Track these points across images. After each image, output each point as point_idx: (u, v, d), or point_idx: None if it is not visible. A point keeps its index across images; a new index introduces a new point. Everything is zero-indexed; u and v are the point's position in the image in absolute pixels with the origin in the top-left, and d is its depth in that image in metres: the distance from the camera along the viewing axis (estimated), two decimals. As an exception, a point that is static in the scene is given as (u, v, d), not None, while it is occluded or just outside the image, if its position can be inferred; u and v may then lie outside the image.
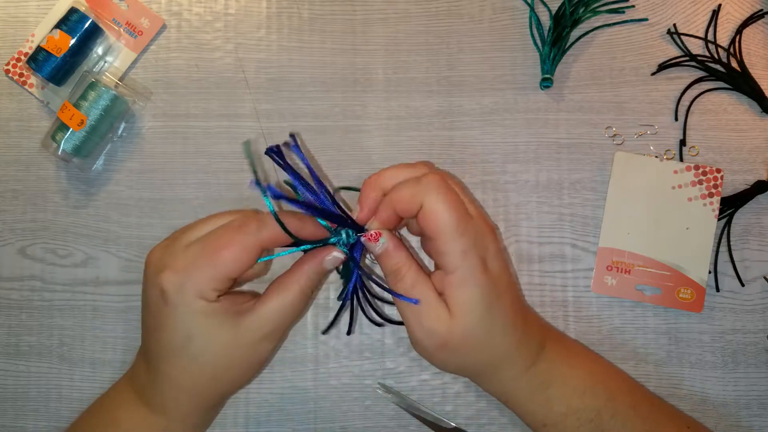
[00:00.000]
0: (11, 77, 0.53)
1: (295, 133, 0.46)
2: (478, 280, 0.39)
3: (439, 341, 0.39)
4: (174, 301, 0.37)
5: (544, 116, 0.54)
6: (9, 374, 0.52)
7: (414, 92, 0.54)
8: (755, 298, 0.52)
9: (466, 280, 0.38)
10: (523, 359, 0.42)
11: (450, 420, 0.51)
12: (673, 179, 0.52)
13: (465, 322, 0.39)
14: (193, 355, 0.38)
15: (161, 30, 0.54)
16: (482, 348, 0.40)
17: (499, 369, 0.42)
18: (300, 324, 0.52)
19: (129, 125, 0.54)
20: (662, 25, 0.55)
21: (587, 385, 0.43)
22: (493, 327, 0.40)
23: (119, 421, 0.41)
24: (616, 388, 0.45)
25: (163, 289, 0.37)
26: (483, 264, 0.39)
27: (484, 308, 0.39)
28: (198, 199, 0.53)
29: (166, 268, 0.37)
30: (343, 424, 0.51)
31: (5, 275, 0.52)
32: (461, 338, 0.39)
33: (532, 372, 0.42)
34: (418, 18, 0.55)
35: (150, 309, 0.39)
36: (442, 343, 0.40)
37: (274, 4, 0.55)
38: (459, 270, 0.38)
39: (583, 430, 0.42)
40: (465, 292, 0.39)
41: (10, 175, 0.53)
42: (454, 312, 0.39)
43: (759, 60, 0.54)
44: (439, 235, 0.38)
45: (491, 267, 0.40)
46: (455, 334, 0.39)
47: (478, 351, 0.40)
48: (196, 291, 0.37)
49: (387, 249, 0.40)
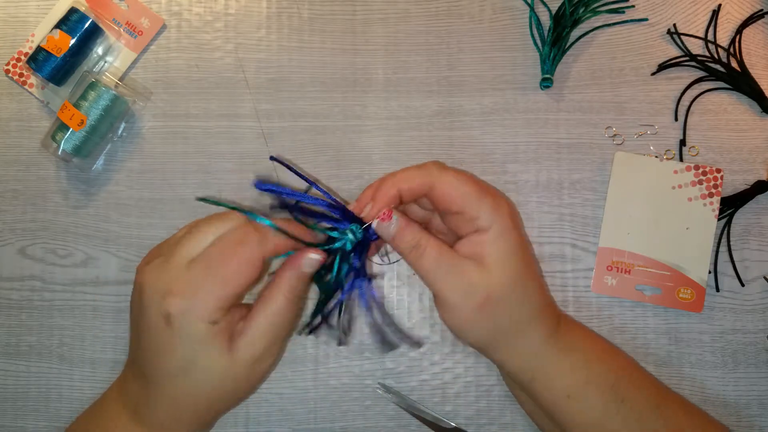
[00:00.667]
0: (11, 77, 0.53)
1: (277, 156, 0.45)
2: (512, 234, 0.40)
3: (481, 296, 0.39)
4: (178, 326, 0.36)
5: (544, 116, 0.54)
6: (9, 374, 0.52)
7: (414, 92, 0.54)
8: (755, 298, 0.52)
9: (502, 234, 0.40)
10: (549, 320, 0.43)
11: (450, 420, 0.51)
12: (673, 179, 0.52)
13: (505, 273, 0.40)
14: (194, 379, 0.38)
15: (161, 30, 0.54)
16: (521, 302, 0.41)
17: (529, 330, 0.42)
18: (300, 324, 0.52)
19: (129, 125, 0.54)
20: (662, 25, 0.55)
21: (605, 354, 0.45)
22: (527, 280, 0.41)
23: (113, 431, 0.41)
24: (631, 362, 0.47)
25: (169, 314, 0.36)
26: (514, 222, 0.41)
27: (520, 260, 0.41)
28: (198, 199, 0.53)
29: (171, 292, 0.36)
30: (343, 424, 0.51)
31: (5, 275, 0.52)
32: (502, 290, 0.40)
33: (558, 335, 0.43)
34: (418, 18, 0.55)
35: (150, 331, 0.38)
36: (484, 298, 0.39)
37: (274, 4, 0.55)
38: (494, 225, 0.40)
39: (605, 398, 0.42)
40: (502, 244, 0.40)
41: (10, 175, 0.53)
42: (492, 266, 0.40)
43: (759, 60, 0.54)
44: (464, 202, 0.40)
45: (519, 225, 0.43)
46: (496, 285, 0.40)
47: (518, 305, 0.41)
48: (202, 315, 0.36)
49: (401, 226, 0.40)
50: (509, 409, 0.51)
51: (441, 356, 0.52)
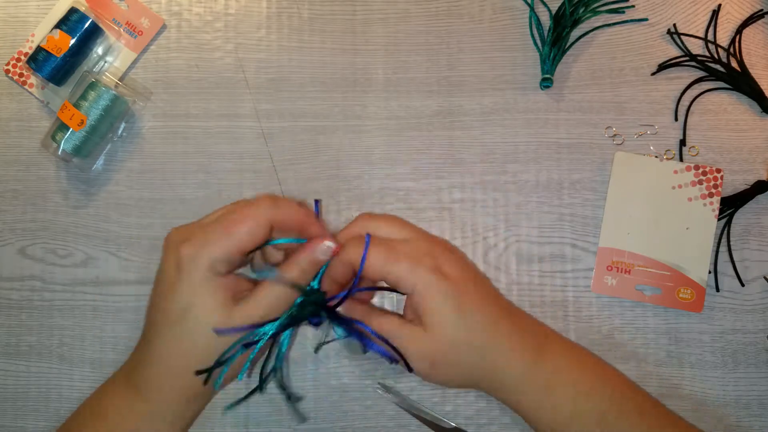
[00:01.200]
0: (11, 77, 0.53)
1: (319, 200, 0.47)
2: (436, 287, 0.40)
3: (429, 359, 0.41)
4: (186, 269, 0.38)
5: (544, 116, 0.54)
6: (9, 374, 0.52)
7: (414, 92, 0.54)
8: (755, 298, 0.52)
9: (426, 291, 0.40)
10: (521, 360, 0.42)
11: (450, 420, 0.51)
12: (673, 179, 0.52)
13: (441, 331, 0.40)
14: (187, 327, 0.39)
15: (161, 30, 0.54)
16: (470, 351, 0.41)
17: (500, 373, 0.42)
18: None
19: (129, 125, 0.54)
20: (662, 25, 0.55)
21: (592, 386, 0.43)
22: (471, 326, 0.41)
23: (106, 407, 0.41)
24: (620, 390, 0.44)
25: (179, 259, 0.39)
26: (437, 272, 0.41)
27: (454, 310, 0.40)
28: (198, 199, 0.53)
29: (185, 241, 0.39)
30: (343, 424, 0.51)
31: (5, 275, 0.52)
32: (446, 347, 0.40)
33: (534, 373, 0.42)
34: (418, 18, 0.55)
35: (162, 280, 0.40)
36: (432, 361, 0.41)
37: (274, 4, 0.55)
38: (416, 286, 0.40)
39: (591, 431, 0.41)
40: (429, 302, 0.40)
41: (10, 175, 0.53)
42: (428, 326, 0.40)
43: (759, 60, 0.54)
44: (380, 275, 0.41)
45: (448, 272, 0.41)
46: (438, 345, 0.40)
47: (468, 355, 0.41)
48: (209, 262, 0.38)
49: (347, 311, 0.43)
50: (509, 410, 0.51)
51: (441, 356, 0.52)
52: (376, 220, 0.44)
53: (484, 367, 0.42)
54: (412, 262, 0.41)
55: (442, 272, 0.41)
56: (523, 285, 0.52)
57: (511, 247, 0.52)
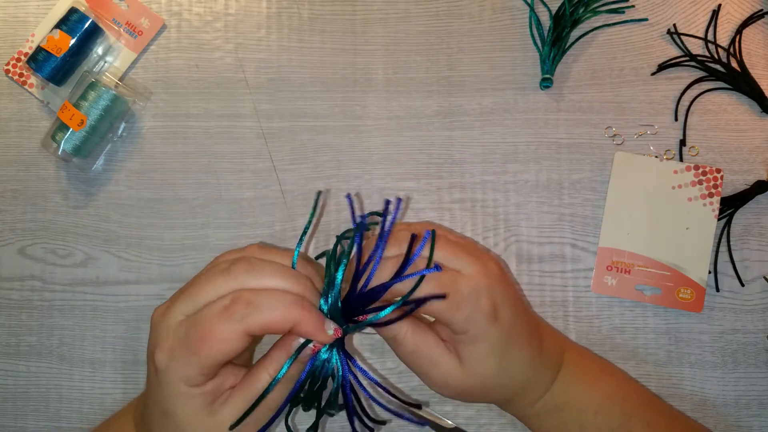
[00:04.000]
0: (11, 77, 0.53)
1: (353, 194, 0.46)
2: (489, 335, 0.40)
3: (455, 391, 0.41)
4: (162, 379, 0.36)
5: (544, 116, 0.54)
6: (9, 374, 0.52)
7: (414, 92, 0.54)
8: (755, 298, 0.52)
9: (476, 338, 0.39)
10: (539, 389, 0.43)
11: (450, 420, 0.51)
12: (673, 179, 0.52)
13: (479, 374, 0.40)
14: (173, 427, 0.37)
15: (161, 30, 0.54)
16: (500, 390, 0.42)
17: (516, 399, 0.43)
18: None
19: (129, 125, 0.54)
20: (662, 25, 0.55)
21: (601, 405, 0.44)
22: (508, 370, 0.41)
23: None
24: (632, 405, 0.45)
25: (156, 365, 0.36)
26: (492, 315, 0.40)
27: (498, 357, 0.40)
28: (198, 199, 0.53)
29: (159, 346, 0.36)
30: (343, 425, 0.51)
31: (5, 275, 0.52)
32: (477, 387, 0.41)
33: (547, 397, 0.43)
34: (418, 18, 0.55)
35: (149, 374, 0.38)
36: (458, 392, 0.42)
37: (274, 4, 0.55)
38: (469, 332, 0.39)
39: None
40: (476, 348, 0.40)
41: (10, 175, 0.53)
42: (467, 365, 0.40)
43: (759, 60, 0.54)
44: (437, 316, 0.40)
45: (501, 315, 0.40)
46: (469, 384, 0.41)
47: (496, 393, 0.42)
48: (181, 377, 0.36)
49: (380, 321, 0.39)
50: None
51: (441, 356, 0.52)
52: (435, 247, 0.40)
53: (506, 396, 0.43)
54: (472, 308, 0.39)
55: (497, 316, 0.40)
56: (523, 285, 0.52)
57: (511, 247, 0.52)
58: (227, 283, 0.36)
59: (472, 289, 0.39)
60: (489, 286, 0.40)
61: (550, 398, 0.44)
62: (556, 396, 0.44)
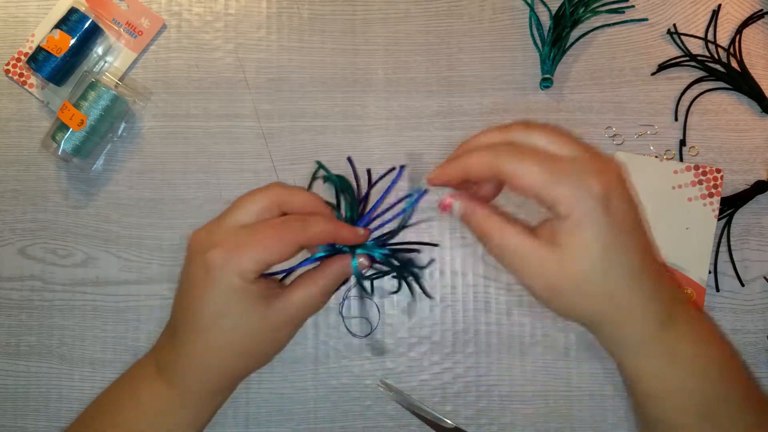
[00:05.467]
0: (11, 77, 0.53)
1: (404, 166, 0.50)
2: (595, 219, 0.35)
3: (551, 285, 0.37)
4: (216, 276, 0.39)
5: (544, 116, 0.54)
6: (9, 374, 0.52)
7: (414, 92, 0.54)
8: (755, 298, 0.52)
9: (581, 222, 0.35)
10: (649, 321, 0.38)
11: (450, 420, 0.51)
12: (673, 179, 0.52)
13: (577, 265, 0.36)
14: (223, 331, 0.40)
15: (161, 30, 0.54)
16: (600, 295, 0.37)
17: (623, 326, 0.38)
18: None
19: (129, 125, 0.54)
20: (662, 25, 0.55)
21: (707, 367, 0.40)
22: (611, 271, 0.36)
23: (139, 395, 0.43)
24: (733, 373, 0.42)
25: (208, 264, 0.39)
26: (602, 200, 0.36)
27: (601, 249, 0.36)
28: (198, 199, 0.53)
29: (215, 245, 0.39)
30: (343, 424, 0.51)
31: (5, 275, 0.52)
32: (574, 282, 0.37)
33: (658, 340, 0.39)
34: (418, 18, 0.55)
35: (189, 283, 0.40)
36: (553, 288, 0.37)
37: (274, 4, 0.55)
38: (573, 213, 0.36)
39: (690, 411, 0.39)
40: (578, 234, 0.36)
41: (10, 175, 0.53)
42: (565, 255, 0.36)
43: (759, 60, 0.54)
44: (537, 191, 0.36)
45: (614, 205, 0.36)
46: (566, 277, 0.36)
47: (596, 298, 0.37)
48: (239, 269, 0.39)
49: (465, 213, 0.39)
50: (509, 409, 0.51)
51: (441, 356, 0.52)
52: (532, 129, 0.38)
53: (609, 314, 0.38)
54: (579, 184, 0.35)
55: (609, 204, 0.36)
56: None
57: (511, 247, 0.52)
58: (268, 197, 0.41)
59: (578, 168, 0.36)
60: (602, 171, 0.36)
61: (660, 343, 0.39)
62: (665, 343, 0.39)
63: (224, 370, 0.42)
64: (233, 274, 0.39)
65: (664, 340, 0.39)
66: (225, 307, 0.39)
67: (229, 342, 0.40)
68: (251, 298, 0.40)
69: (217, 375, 0.42)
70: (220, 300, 0.39)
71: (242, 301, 0.39)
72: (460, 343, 0.52)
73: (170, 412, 0.42)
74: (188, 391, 0.42)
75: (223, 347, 0.40)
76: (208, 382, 0.42)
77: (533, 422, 0.51)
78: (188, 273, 0.41)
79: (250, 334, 0.40)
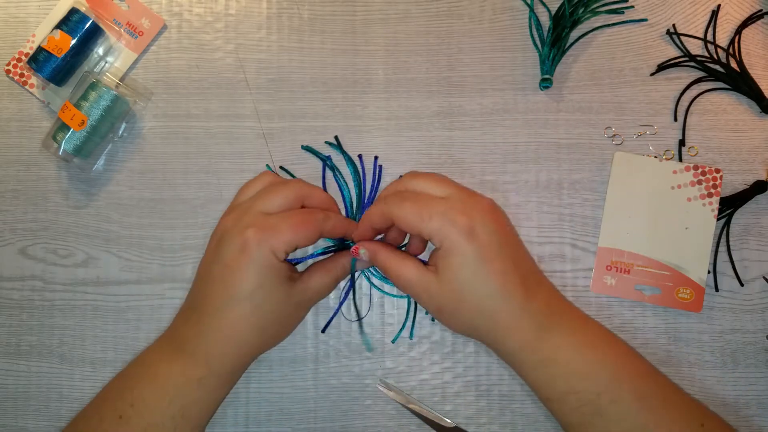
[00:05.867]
0: (12, 77, 0.54)
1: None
2: (461, 248, 0.42)
3: (435, 305, 0.44)
4: (253, 252, 0.43)
5: (544, 116, 0.54)
6: (9, 374, 0.52)
7: (414, 92, 0.54)
8: (754, 298, 0.52)
9: (450, 251, 0.43)
10: (524, 332, 0.44)
11: (450, 419, 0.51)
12: (673, 179, 0.52)
13: (453, 286, 0.43)
14: (255, 304, 0.43)
15: (162, 30, 0.54)
16: (475, 311, 0.43)
17: (503, 338, 0.44)
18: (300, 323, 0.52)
19: (130, 125, 0.54)
20: (662, 25, 0.55)
21: (591, 370, 0.43)
22: (482, 290, 0.43)
23: (156, 373, 0.44)
24: (625, 374, 0.44)
25: (245, 242, 0.43)
26: (468, 233, 0.42)
27: (470, 272, 0.42)
28: (198, 199, 0.53)
29: (252, 225, 0.43)
30: (343, 424, 0.51)
31: (6, 275, 0.53)
32: (453, 302, 0.44)
33: (535, 348, 0.44)
34: (418, 18, 0.55)
35: (223, 260, 0.43)
36: (438, 307, 0.44)
37: (274, 5, 0.55)
38: (444, 243, 0.43)
39: (583, 410, 0.43)
40: (449, 260, 0.43)
41: (10, 175, 0.53)
42: (441, 278, 0.43)
43: (758, 60, 0.54)
44: (414, 230, 0.44)
45: (479, 235, 0.43)
46: (446, 297, 0.44)
47: (472, 314, 0.44)
48: (272, 248, 0.43)
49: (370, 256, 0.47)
50: (509, 409, 0.51)
51: (441, 356, 0.52)
52: (418, 177, 0.47)
53: (485, 328, 0.44)
54: (445, 220, 0.43)
55: (473, 234, 0.43)
56: (523, 285, 0.52)
57: (511, 247, 0.52)
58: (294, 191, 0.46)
59: (448, 206, 0.43)
60: (468, 209, 0.44)
61: (537, 351, 0.44)
62: (543, 351, 0.44)
63: (246, 344, 0.45)
64: (268, 251, 0.43)
65: (541, 349, 0.44)
66: (258, 281, 0.43)
67: (257, 315, 0.44)
68: (280, 276, 0.44)
69: (239, 349, 0.44)
70: (254, 274, 0.43)
71: (274, 278, 0.44)
72: (459, 343, 0.52)
73: (190, 388, 0.43)
74: (210, 366, 0.44)
75: (250, 320, 0.43)
76: (228, 355, 0.44)
77: (533, 422, 0.51)
78: (220, 250, 0.44)
79: (276, 309, 0.44)
